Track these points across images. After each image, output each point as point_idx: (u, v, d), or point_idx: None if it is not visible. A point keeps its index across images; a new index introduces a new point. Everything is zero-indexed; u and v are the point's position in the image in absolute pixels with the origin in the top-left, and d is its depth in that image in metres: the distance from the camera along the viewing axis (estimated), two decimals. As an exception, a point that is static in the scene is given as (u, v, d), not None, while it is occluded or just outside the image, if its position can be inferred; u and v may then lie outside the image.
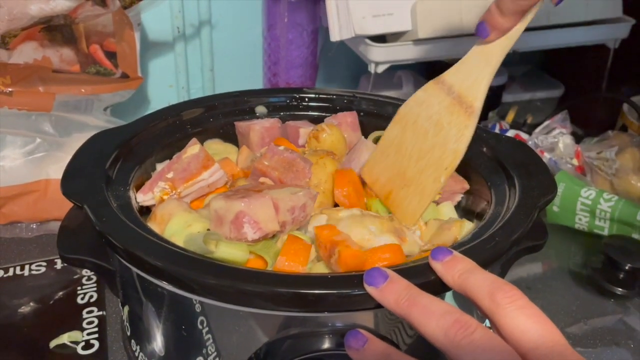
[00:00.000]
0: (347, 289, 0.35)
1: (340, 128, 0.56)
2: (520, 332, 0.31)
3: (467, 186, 0.52)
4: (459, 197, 0.53)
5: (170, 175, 0.49)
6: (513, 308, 0.31)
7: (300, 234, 0.45)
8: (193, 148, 0.50)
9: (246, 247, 0.42)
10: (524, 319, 0.31)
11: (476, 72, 0.45)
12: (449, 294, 0.38)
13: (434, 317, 0.32)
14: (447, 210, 0.51)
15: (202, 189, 0.49)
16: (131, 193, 0.47)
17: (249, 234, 0.42)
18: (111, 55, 0.73)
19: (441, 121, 0.46)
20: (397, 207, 0.48)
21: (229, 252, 0.41)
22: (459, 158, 0.45)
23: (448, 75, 0.46)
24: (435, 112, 0.46)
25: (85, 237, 0.43)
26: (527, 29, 0.43)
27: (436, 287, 0.35)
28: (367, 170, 0.51)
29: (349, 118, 0.58)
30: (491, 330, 0.32)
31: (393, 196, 0.49)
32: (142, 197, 0.48)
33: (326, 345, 0.38)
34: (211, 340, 0.40)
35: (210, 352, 0.40)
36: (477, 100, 0.44)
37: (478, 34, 0.44)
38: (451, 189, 0.52)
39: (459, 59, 0.46)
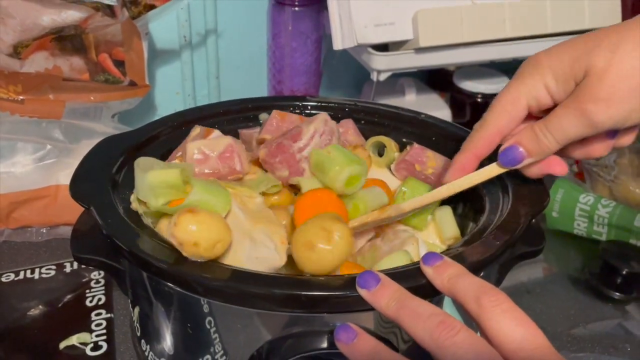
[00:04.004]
0: (342, 291, 0.36)
1: (347, 134, 0.58)
2: (504, 334, 0.32)
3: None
4: None
5: (178, 154, 0.51)
6: (498, 311, 0.32)
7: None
8: (195, 129, 0.52)
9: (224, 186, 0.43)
10: (508, 322, 0.32)
11: None
12: (448, 300, 0.39)
13: (421, 319, 0.33)
14: (443, 214, 0.51)
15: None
16: (136, 196, 0.48)
17: (237, 165, 0.48)
18: (119, 64, 0.74)
19: None
20: None
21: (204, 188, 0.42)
22: None
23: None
24: None
25: (96, 238, 0.45)
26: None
27: (427, 290, 0.36)
28: None
29: (350, 124, 0.59)
30: (475, 333, 0.33)
31: None
32: None
33: (325, 344, 0.39)
34: (218, 340, 0.41)
35: (217, 351, 0.41)
36: None
37: (505, 162, 0.45)
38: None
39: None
